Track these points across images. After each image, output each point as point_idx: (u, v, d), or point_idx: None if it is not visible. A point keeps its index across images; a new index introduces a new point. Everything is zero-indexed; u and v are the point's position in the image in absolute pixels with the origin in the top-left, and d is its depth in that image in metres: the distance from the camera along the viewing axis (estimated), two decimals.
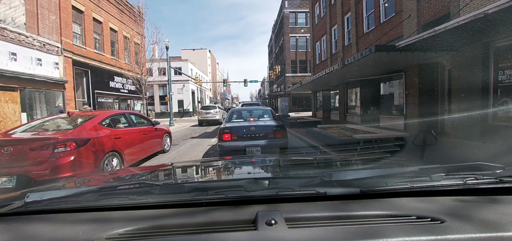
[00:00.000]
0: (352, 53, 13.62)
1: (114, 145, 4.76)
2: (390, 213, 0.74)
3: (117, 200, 0.88)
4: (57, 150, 3.72)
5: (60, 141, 3.79)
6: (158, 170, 1.66)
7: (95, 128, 4.52)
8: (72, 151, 3.87)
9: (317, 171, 1.53)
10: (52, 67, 11.96)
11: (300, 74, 37.74)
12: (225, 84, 35.54)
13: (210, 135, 12.21)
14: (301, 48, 38.64)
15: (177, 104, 37.30)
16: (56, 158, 3.69)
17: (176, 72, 35.38)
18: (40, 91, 11.53)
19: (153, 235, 0.68)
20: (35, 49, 11.03)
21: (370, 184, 0.88)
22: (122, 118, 5.62)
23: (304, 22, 38.62)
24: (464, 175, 0.91)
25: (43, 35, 11.50)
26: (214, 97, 62.95)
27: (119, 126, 5.27)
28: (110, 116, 5.21)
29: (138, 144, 5.66)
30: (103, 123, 4.83)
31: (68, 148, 3.84)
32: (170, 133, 8.06)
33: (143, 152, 5.91)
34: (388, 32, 10.92)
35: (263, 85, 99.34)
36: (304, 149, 6.86)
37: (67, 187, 1.29)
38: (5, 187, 3.46)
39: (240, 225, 0.71)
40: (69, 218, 0.80)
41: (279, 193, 0.85)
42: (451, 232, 0.62)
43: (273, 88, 49.57)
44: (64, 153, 3.79)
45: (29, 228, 0.75)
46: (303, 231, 0.66)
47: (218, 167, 1.75)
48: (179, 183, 1.27)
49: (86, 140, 4.14)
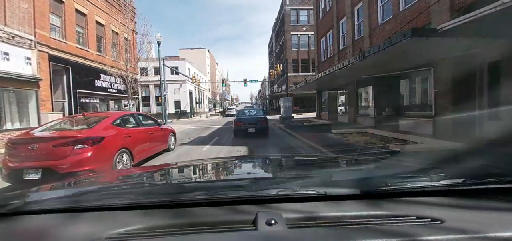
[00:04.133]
0: (364, 47, 12.09)
1: (124, 143, 5.13)
2: (390, 213, 0.73)
3: (117, 200, 0.87)
4: (76, 147, 4.18)
5: (79, 139, 4.25)
6: (158, 170, 1.67)
7: (108, 127, 4.94)
8: (89, 148, 4.30)
9: (317, 171, 1.55)
10: (23, 62, 10.42)
11: (302, 73, 36.28)
12: (224, 84, 34.12)
13: (204, 140, 10.68)
14: (303, 47, 37.14)
15: (173, 105, 35.76)
16: (76, 153, 4.15)
17: (173, 71, 33.86)
18: (8, 90, 10.00)
19: (153, 235, 0.68)
20: (1, 41, 9.50)
21: (370, 184, 0.89)
22: (131, 119, 6.09)
23: (306, 20, 37.15)
24: (464, 175, 0.92)
25: (11, 25, 9.97)
26: (213, 97, 61.46)
27: (128, 125, 5.71)
28: (121, 117, 5.65)
29: (146, 142, 6.08)
30: (115, 123, 5.24)
31: (86, 145, 4.28)
32: (174, 132, 8.43)
33: (150, 150, 6.33)
34: (410, 21, 9.41)
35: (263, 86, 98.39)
36: (304, 149, 6.94)
37: (67, 187, 1.26)
38: (32, 178, 3.91)
39: (240, 225, 0.70)
40: (69, 218, 0.79)
41: (279, 193, 0.85)
42: (451, 232, 0.62)
43: (273, 88, 48.08)
44: (83, 149, 4.23)
45: (29, 228, 0.76)
46: (303, 231, 0.66)
47: (218, 167, 1.75)
48: (179, 183, 1.28)
49: (101, 138, 4.55)
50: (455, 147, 4.31)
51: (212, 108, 57.52)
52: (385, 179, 0.92)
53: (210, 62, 63.91)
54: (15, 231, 0.74)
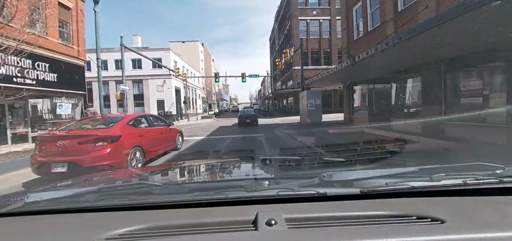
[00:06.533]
0: (437, 9, 5.78)
1: (138, 141, 5.62)
2: (390, 213, 0.74)
3: (117, 200, 0.88)
4: (98, 144, 4.65)
5: (100, 137, 4.74)
6: (158, 171, 1.67)
7: (124, 127, 5.44)
8: (108, 145, 4.75)
9: (317, 172, 1.40)
10: None
11: (312, 67, 30.10)
12: (217, 80, 27.86)
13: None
14: (313, 35, 30.98)
15: (156, 105, 29.36)
16: (97, 150, 4.62)
17: (155, 64, 27.57)
18: None
19: (153, 235, 0.68)
20: None
21: (370, 184, 0.88)
22: (143, 120, 6.63)
23: (316, 1, 30.97)
24: (464, 175, 0.92)
25: None
26: (209, 97, 55.06)
27: (141, 126, 6.25)
28: (135, 118, 6.18)
29: (156, 141, 6.53)
30: (129, 124, 5.74)
31: (106, 142, 4.74)
32: (182, 133, 8.62)
33: (160, 148, 6.72)
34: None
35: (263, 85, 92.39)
36: (303, 150, 6.41)
37: (67, 187, 1.25)
38: (59, 171, 4.33)
39: (240, 226, 0.70)
40: (69, 218, 0.80)
41: (279, 194, 0.85)
42: (451, 232, 0.62)
43: (276, 85, 41.76)
44: (103, 146, 4.70)
45: (29, 228, 0.76)
46: (303, 232, 0.66)
47: (219, 168, 1.74)
48: (179, 183, 1.28)
49: (118, 137, 5.01)
50: None
51: (207, 108, 51.22)
52: (385, 179, 0.92)
53: (205, 57, 57.43)
54: (15, 231, 0.74)
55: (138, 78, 29.58)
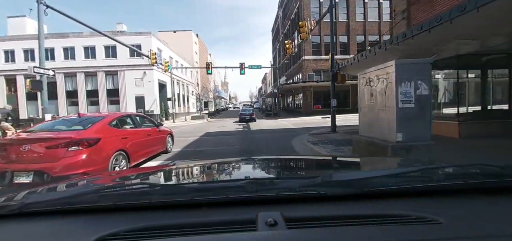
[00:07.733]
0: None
1: (121, 144, 4.90)
2: (390, 213, 0.72)
3: (116, 200, 0.84)
4: (70, 149, 3.95)
5: (73, 140, 4.01)
6: (158, 171, 1.64)
7: (104, 128, 4.69)
8: (84, 150, 4.06)
9: (317, 172, 1.53)
10: None
11: (325, 56, 24.71)
12: (209, 71, 22.44)
13: None
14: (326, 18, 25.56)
15: (134, 102, 23.84)
16: (69, 156, 3.92)
17: (132, 53, 22.15)
18: None
19: (153, 236, 0.67)
20: None
21: (370, 184, 0.87)
22: (128, 120, 5.86)
23: None
24: (464, 175, 0.93)
25: None
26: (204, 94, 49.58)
27: (125, 127, 5.50)
28: (118, 118, 5.37)
29: (143, 144, 5.79)
30: (111, 124, 5.00)
31: (81, 146, 4.04)
32: (172, 134, 7.96)
33: (148, 152, 6.04)
34: None
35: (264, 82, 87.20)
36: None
37: (66, 187, 1.22)
38: (22, 182, 3.70)
39: (240, 226, 0.69)
40: (68, 219, 0.79)
41: (279, 194, 0.83)
42: (451, 232, 0.62)
43: (281, 80, 36.30)
44: (77, 151, 4.00)
45: (28, 229, 0.75)
46: (303, 232, 0.66)
47: (218, 168, 1.68)
48: (178, 184, 1.25)
49: (96, 140, 4.31)
50: None
51: (202, 107, 45.78)
52: (385, 179, 0.92)
53: (199, 49, 51.82)
54: (14, 231, 0.74)
55: (112, 70, 24.07)
